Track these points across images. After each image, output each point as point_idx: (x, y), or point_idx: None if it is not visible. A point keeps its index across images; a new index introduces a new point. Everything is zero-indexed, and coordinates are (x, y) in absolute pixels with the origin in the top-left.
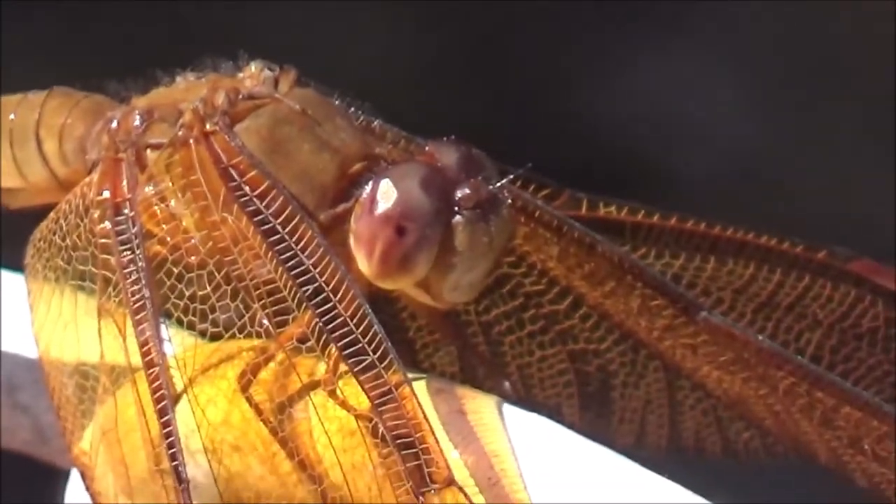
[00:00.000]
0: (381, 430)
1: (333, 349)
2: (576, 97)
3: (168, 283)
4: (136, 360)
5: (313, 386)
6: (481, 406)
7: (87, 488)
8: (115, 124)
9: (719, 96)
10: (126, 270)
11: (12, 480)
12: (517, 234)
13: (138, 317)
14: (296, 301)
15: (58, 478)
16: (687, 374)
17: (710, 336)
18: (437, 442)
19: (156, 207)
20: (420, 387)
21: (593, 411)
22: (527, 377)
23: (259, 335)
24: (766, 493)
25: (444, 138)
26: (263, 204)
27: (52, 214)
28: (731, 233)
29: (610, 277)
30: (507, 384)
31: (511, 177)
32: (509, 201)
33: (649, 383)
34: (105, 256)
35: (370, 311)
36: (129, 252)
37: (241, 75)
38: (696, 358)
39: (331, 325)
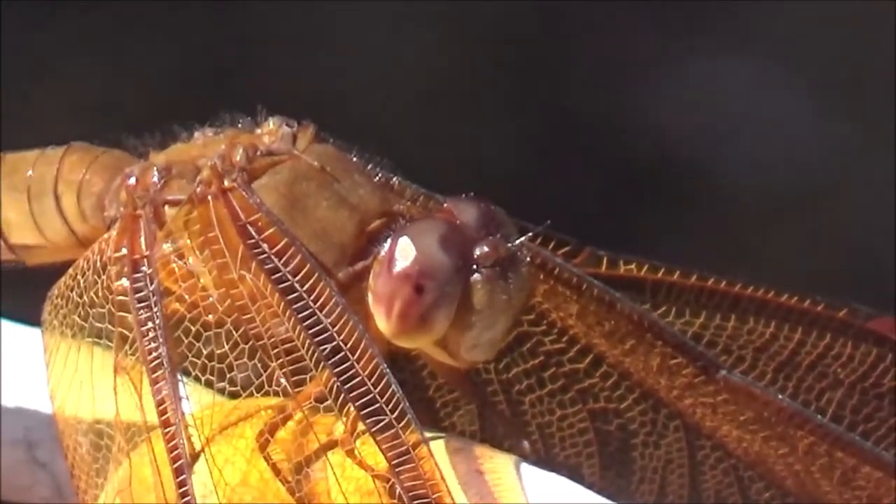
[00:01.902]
0: (398, 491)
1: (351, 409)
2: (626, 101)
3: (186, 340)
4: (153, 418)
5: (331, 445)
6: (499, 466)
7: None
8: (133, 181)
9: (771, 102)
10: (143, 328)
11: None
12: (537, 291)
13: (155, 375)
14: (314, 360)
15: None
16: (707, 434)
17: (730, 395)
18: (455, 502)
19: (174, 265)
20: (438, 446)
21: (614, 470)
22: (547, 436)
23: (277, 394)
24: None
25: (463, 195)
26: (282, 262)
27: (70, 271)
28: (751, 291)
29: (630, 336)
30: (526, 443)
31: (530, 234)
32: (528, 259)
33: (670, 443)
34: (122, 314)
35: (388, 370)
36: (146, 310)
37: (259, 131)
38: (716, 417)
39: (348, 385)
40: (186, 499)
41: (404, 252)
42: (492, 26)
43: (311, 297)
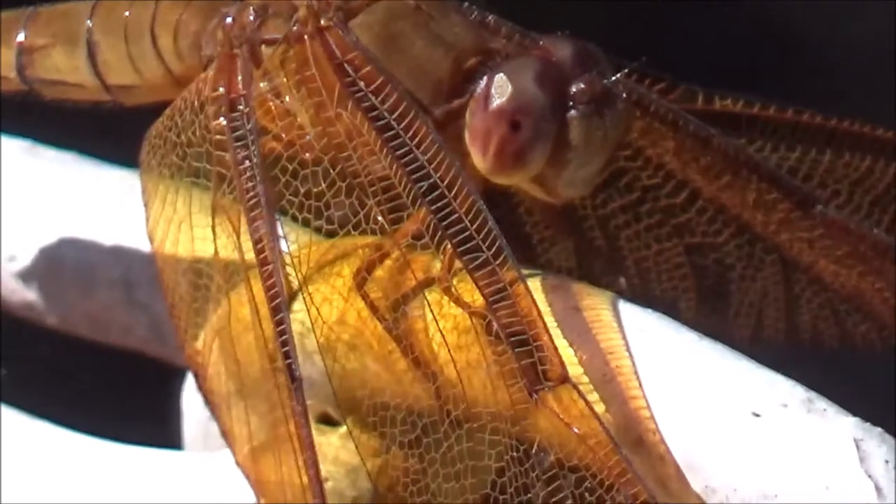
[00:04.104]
0: (495, 328)
1: (448, 246)
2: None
3: (283, 179)
4: (251, 257)
5: (428, 283)
6: (597, 302)
7: (200, 388)
8: (230, 20)
9: None
10: (241, 167)
11: (129, 378)
12: (633, 127)
13: (253, 214)
14: (410, 197)
15: (174, 376)
16: (803, 267)
17: (826, 229)
18: (552, 339)
19: (271, 104)
20: (535, 283)
21: (710, 305)
22: (643, 271)
23: (374, 232)
24: (883, 386)
25: (559, 33)
26: (378, 99)
27: (167, 111)
28: (847, 125)
29: (726, 171)
30: (622, 280)
31: (626, 70)
32: (624, 95)
33: (766, 276)
34: (220, 153)
35: (485, 207)
36: (244, 148)
37: None
38: (812, 251)
39: (446, 222)
40: (284, 337)
41: (500, 89)
42: None
43: (408, 135)
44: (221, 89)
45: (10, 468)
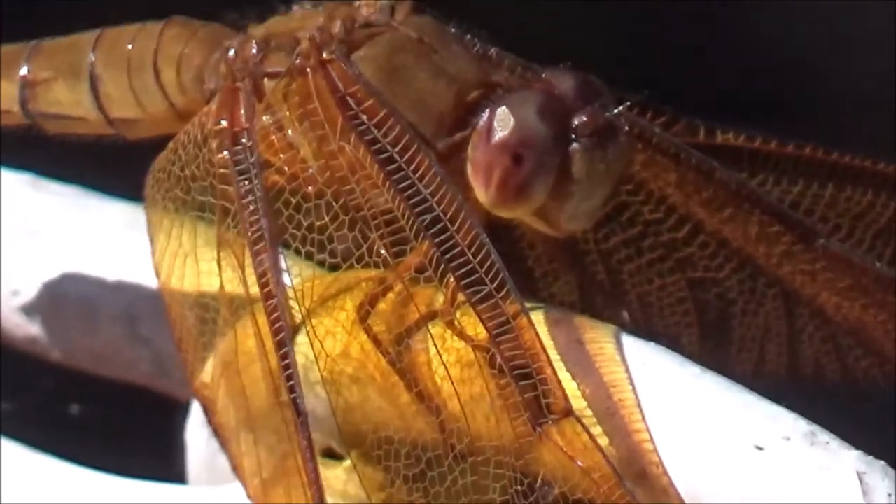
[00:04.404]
0: (498, 361)
1: (451, 279)
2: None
3: (286, 212)
4: (255, 291)
5: (431, 316)
6: (599, 336)
7: (209, 421)
8: (232, 53)
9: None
10: (244, 200)
11: (132, 413)
12: (635, 160)
13: (257, 247)
14: (413, 231)
15: (178, 410)
16: (806, 301)
17: (828, 263)
18: (555, 372)
19: (273, 137)
20: (538, 317)
21: (712, 339)
22: (646, 306)
23: (377, 265)
24: (885, 419)
25: (561, 65)
26: (381, 133)
27: (170, 145)
28: (849, 159)
29: (728, 204)
30: (625, 313)
31: (628, 103)
32: (627, 128)
33: (768, 311)
34: (224, 186)
35: (488, 240)
36: (247, 182)
37: (357, 3)
38: (814, 284)
39: (448, 255)
40: (289, 371)
41: (503, 122)
42: None
43: (411, 168)
44: (224, 123)
45: (12, 502)
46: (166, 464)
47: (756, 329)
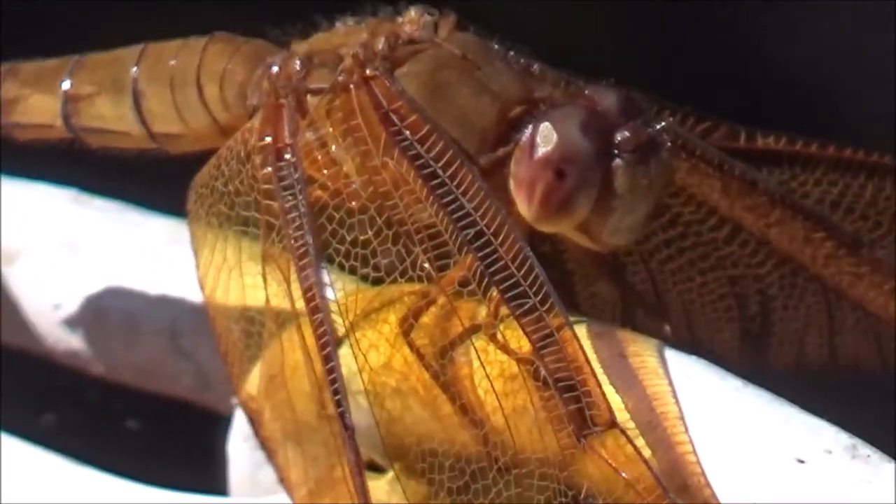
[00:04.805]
0: (542, 374)
1: (494, 293)
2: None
3: (330, 228)
4: (301, 305)
5: (474, 330)
6: (642, 349)
7: (256, 433)
8: (275, 70)
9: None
10: (289, 216)
11: (175, 426)
12: (679, 169)
13: (301, 262)
14: (457, 245)
15: (220, 423)
16: (852, 299)
17: (872, 266)
18: (599, 384)
19: (317, 153)
20: (581, 330)
21: (753, 334)
22: (687, 304)
23: (420, 279)
24: None
25: (604, 81)
26: (424, 148)
27: (213, 160)
28: (888, 160)
29: (772, 210)
30: (667, 327)
31: (670, 117)
32: (669, 144)
33: (809, 305)
34: (268, 202)
35: (531, 254)
36: (291, 197)
37: (400, 20)
38: (861, 283)
39: (492, 269)
40: (335, 385)
41: (546, 137)
42: None
43: (454, 183)
44: (268, 139)
45: None
46: (208, 476)
47: (797, 322)
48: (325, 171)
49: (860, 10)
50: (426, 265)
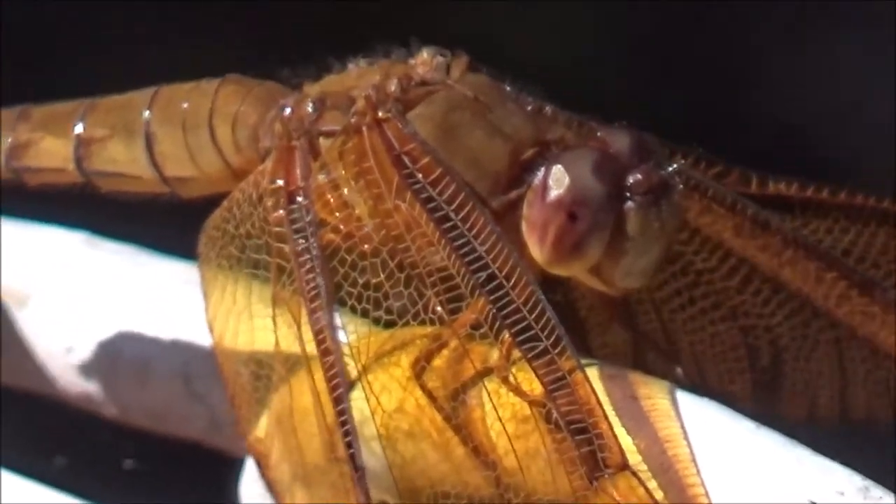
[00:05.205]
0: (554, 416)
1: (506, 335)
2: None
3: (342, 270)
4: (311, 347)
5: (486, 372)
6: (654, 391)
7: (263, 476)
8: (287, 112)
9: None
10: (300, 259)
11: (187, 469)
12: (691, 211)
13: (313, 305)
14: (469, 288)
15: (232, 466)
16: (863, 338)
17: (884, 307)
18: (611, 427)
19: (329, 195)
20: (592, 372)
21: (765, 385)
22: (699, 353)
23: (433, 322)
24: None
25: (616, 123)
26: (436, 191)
27: (224, 203)
28: None
29: (782, 253)
30: (679, 370)
31: (682, 159)
32: (681, 186)
33: (820, 356)
34: (279, 245)
35: (543, 297)
36: (303, 240)
37: (412, 62)
38: (873, 323)
39: (504, 312)
40: (346, 427)
41: (558, 180)
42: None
43: (466, 226)
44: (280, 182)
45: None
46: None
47: (808, 374)
48: (338, 214)
49: (869, 63)
50: (438, 308)
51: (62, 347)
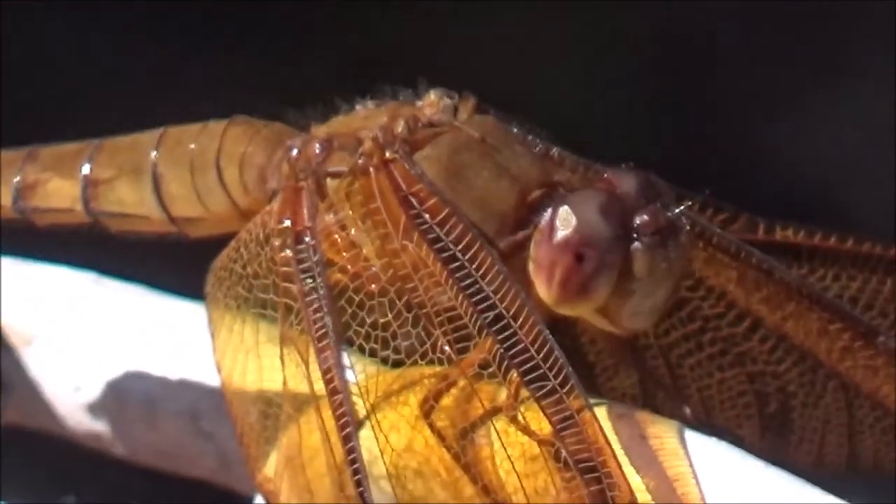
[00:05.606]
0: (563, 455)
1: (515, 375)
2: (765, 135)
3: (349, 310)
4: (320, 387)
5: (495, 412)
6: (662, 431)
7: None
8: (295, 153)
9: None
10: (308, 298)
11: None
12: (695, 258)
13: (321, 344)
14: (477, 327)
15: None
16: (866, 394)
17: (888, 359)
18: (620, 466)
19: (336, 236)
20: (601, 412)
21: (773, 432)
22: (706, 399)
23: (441, 362)
24: None
25: (623, 165)
26: (443, 231)
27: (232, 243)
28: None
29: (787, 302)
30: (687, 409)
31: (689, 203)
32: (688, 227)
33: (828, 403)
34: (286, 284)
35: (551, 336)
36: (310, 280)
37: (420, 103)
38: (875, 378)
39: (512, 352)
40: (355, 465)
41: (565, 221)
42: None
43: (474, 266)
44: (287, 222)
45: None
46: None
47: (816, 421)
48: (345, 254)
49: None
50: (446, 348)
51: (70, 387)
